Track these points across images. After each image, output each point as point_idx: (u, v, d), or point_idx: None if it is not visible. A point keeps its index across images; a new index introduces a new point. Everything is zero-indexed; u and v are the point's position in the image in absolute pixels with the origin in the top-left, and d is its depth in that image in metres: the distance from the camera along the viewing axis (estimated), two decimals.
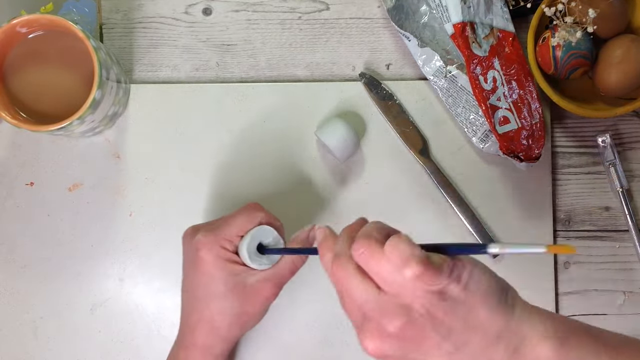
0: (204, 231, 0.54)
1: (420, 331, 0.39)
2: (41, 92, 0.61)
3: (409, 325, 0.39)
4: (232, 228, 0.54)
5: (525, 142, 0.64)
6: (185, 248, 0.56)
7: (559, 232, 0.68)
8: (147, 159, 0.67)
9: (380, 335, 0.40)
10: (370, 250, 0.40)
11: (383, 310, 0.40)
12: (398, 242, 0.39)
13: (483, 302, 0.39)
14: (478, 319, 0.39)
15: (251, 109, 0.68)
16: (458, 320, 0.39)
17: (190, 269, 0.55)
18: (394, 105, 0.67)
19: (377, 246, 0.40)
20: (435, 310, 0.39)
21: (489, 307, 0.39)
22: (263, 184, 0.67)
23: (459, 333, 0.39)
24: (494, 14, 0.65)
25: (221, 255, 0.53)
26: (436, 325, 0.39)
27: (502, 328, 0.39)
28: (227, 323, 0.54)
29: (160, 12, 0.69)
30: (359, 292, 0.41)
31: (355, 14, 0.69)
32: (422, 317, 0.39)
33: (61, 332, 0.66)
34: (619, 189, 0.67)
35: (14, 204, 0.67)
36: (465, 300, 0.39)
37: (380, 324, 0.40)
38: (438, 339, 0.39)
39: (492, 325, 0.39)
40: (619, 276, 0.68)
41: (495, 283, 0.40)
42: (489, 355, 0.39)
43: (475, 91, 0.63)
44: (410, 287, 0.39)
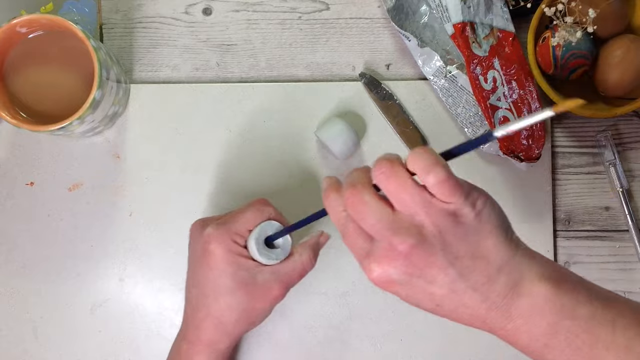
0: (214, 225, 0.54)
1: (430, 253, 0.40)
2: (41, 92, 0.61)
3: (420, 245, 0.39)
4: (242, 222, 0.54)
5: (525, 142, 0.64)
6: (193, 241, 0.56)
7: (559, 232, 0.68)
8: (147, 159, 0.67)
9: (388, 256, 0.40)
10: (392, 169, 0.40)
11: (396, 228, 0.40)
12: (423, 151, 0.40)
13: (492, 233, 0.40)
14: (485, 248, 0.40)
15: (251, 109, 0.68)
16: (466, 247, 0.40)
17: (198, 262, 0.55)
18: (394, 105, 0.67)
19: (398, 166, 0.41)
20: (446, 233, 0.40)
21: (496, 239, 0.40)
22: (263, 184, 0.67)
23: (465, 260, 0.40)
24: (494, 14, 0.65)
25: (232, 249, 0.53)
26: (445, 249, 0.40)
27: (504, 262, 0.40)
28: (235, 319, 0.54)
29: (160, 12, 0.69)
30: (374, 213, 0.40)
31: (355, 14, 0.69)
32: (434, 237, 0.39)
33: (61, 332, 0.66)
34: (619, 189, 0.67)
35: (14, 204, 0.67)
36: (476, 228, 0.40)
37: (391, 243, 0.40)
38: (445, 263, 0.40)
39: (496, 257, 0.40)
40: (619, 276, 0.68)
41: (504, 219, 0.42)
42: (488, 287, 0.40)
43: (475, 91, 0.63)
44: (427, 205, 0.39)
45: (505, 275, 0.40)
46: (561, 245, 0.68)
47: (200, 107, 0.68)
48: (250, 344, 0.66)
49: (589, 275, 0.67)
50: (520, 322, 0.40)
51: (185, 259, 0.58)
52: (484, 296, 0.40)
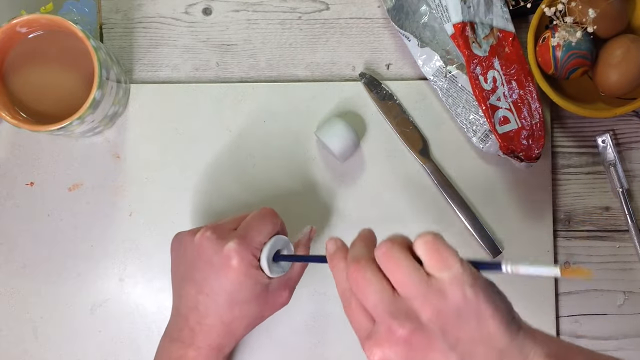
0: (237, 239, 0.54)
1: (429, 338, 0.40)
2: (41, 92, 0.61)
3: (419, 331, 0.40)
4: (262, 236, 0.55)
5: (525, 142, 0.64)
6: (208, 252, 0.54)
7: (559, 232, 0.68)
8: (147, 159, 0.67)
9: (388, 340, 0.40)
10: (392, 250, 0.41)
11: (395, 312, 0.40)
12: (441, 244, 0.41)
13: (493, 316, 0.40)
14: (486, 332, 0.40)
15: (251, 109, 0.68)
16: (466, 330, 0.40)
17: (213, 274, 0.54)
18: (394, 105, 0.67)
19: (400, 247, 0.42)
20: (445, 316, 0.40)
21: (497, 323, 0.40)
22: (263, 184, 0.67)
23: (466, 344, 0.40)
24: (494, 14, 0.65)
25: (252, 263, 0.54)
26: (445, 333, 0.40)
27: (506, 345, 0.40)
28: (244, 325, 0.55)
29: (160, 12, 0.69)
30: (374, 293, 0.41)
31: (355, 14, 0.69)
32: (432, 322, 0.40)
33: (61, 332, 0.66)
34: (619, 189, 0.67)
35: (14, 204, 0.67)
36: (476, 310, 0.40)
37: (391, 328, 0.40)
38: (445, 347, 0.40)
39: (498, 340, 0.40)
40: (619, 276, 0.68)
41: (505, 301, 0.42)
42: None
43: (475, 91, 0.63)
44: (424, 287, 0.40)
45: (507, 358, 0.40)
46: (561, 245, 0.68)
47: (200, 107, 0.68)
48: (251, 344, 0.66)
49: None
50: None
51: None
52: None
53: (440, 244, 0.41)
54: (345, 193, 0.67)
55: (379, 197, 0.67)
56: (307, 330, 0.66)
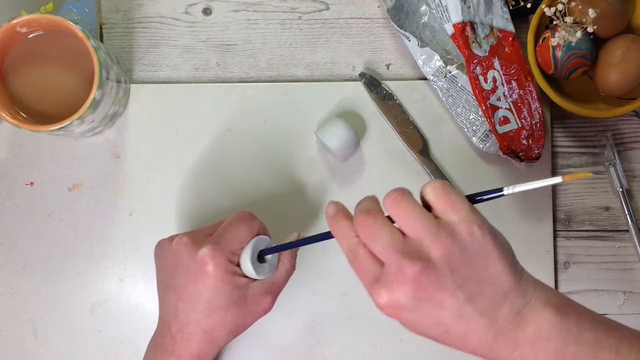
0: (210, 245, 0.53)
1: (438, 276, 0.40)
2: (41, 92, 0.61)
3: (429, 269, 0.40)
4: (237, 241, 0.54)
5: (525, 142, 0.64)
6: (184, 259, 0.54)
7: (559, 232, 0.68)
8: (147, 159, 0.67)
9: (397, 280, 0.41)
10: (401, 196, 0.43)
11: (405, 252, 0.41)
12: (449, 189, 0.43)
13: (499, 259, 0.41)
14: (492, 272, 0.41)
15: (251, 109, 0.68)
16: (474, 270, 0.41)
17: (190, 280, 0.54)
18: (394, 105, 0.67)
19: (407, 194, 0.43)
20: (454, 256, 0.41)
21: (503, 265, 0.41)
22: (263, 184, 0.67)
23: (473, 283, 0.41)
24: (494, 14, 0.65)
25: (228, 269, 0.53)
26: (454, 272, 0.40)
27: (510, 287, 0.41)
28: (226, 333, 0.54)
29: (160, 12, 0.69)
30: (385, 236, 0.42)
31: (355, 14, 0.69)
32: (442, 261, 0.40)
33: (61, 332, 0.66)
34: (619, 189, 0.67)
35: (14, 204, 0.67)
36: (483, 252, 0.41)
37: (401, 267, 0.41)
38: (453, 286, 0.40)
39: (503, 282, 0.41)
40: (619, 276, 0.68)
41: (509, 247, 0.43)
42: (495, 312, 0.41)
43: (475, 91, 0.63)
44: (434, 228, 0.41)
45: (511, 300, 0.41)
46: (561, 245, 0.68)
47: (200, 107, 0.68)
48: (251, 344, 0.66)
49: (589, 275, 0.68)
50: (527, 349, 0.41)
51: None
52: (491, 321, 0.41)
53: (449, 189, 0.42)
54: (345, 193, 0.67)
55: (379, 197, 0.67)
56: (307, 330, 0.66)
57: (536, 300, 0.41)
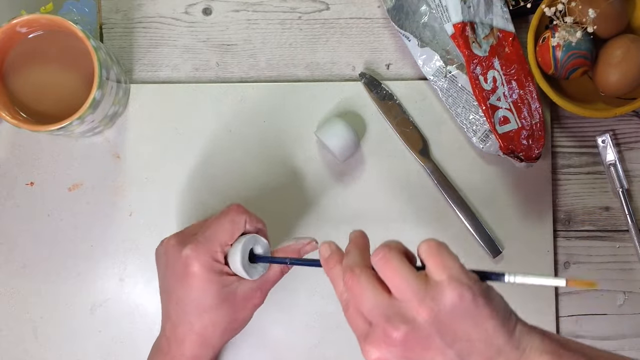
0: (192, 244, 0.53)
1: (425, 338, 0.40)
2: (41, 92, 0.61)
3: (414, 333, 0.40)
4: (221, 237, 0.53)
5: (525, 142, 0.64)
6: (171, 261, 0.54)
7: (559, 232, 0.68)
8: (147, 159, 0.67)
9: (385, 341, 0.41)
10: (390, 254, 0.42)
11: (391, 315, 0.41)
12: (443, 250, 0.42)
13: (491, 317, 0.40)
14: (483, 331, 0.40)
15: (251, 109, 0.68)
16: (463, 330, 0.40)
17: (178, 281, 0.54)
18: (394, 105, 0.67)
19: (397, 252, 0.42)
20: (442, 317, 0.40)
21: (494, 324, 0.40)
22: (263, 184, 0.67)
23: (464, 342, 0.40)
24: (494, 14, 0.65)
25: (214, 268, 0.53)
26: (442, 332, 0.40)
27: (504, 343, 0.41)
28: (219, 333, 0.54)
29: (160, 12, 0.69)
30: (370, 298, 0.42)
31: (355, 14, 0.69)
32: (429, 324, 0.40)
33: (61, 332, 0.66)
34: (619, 189, 0.67)
35: (14, 204, 0.67)
36: (474, 313, 0.40)
37: (386, 330, 0.41)
38: (442, 345, 0.40)
39: (496, 339, 0.40)
40: (619, 276, 0.68)
41: (502, 302, 0.42)
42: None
43: (475, 91, 0.63)
44: (422, 291, 0.40)
45: (505, 354, 0.41)
46: (561, 245, 0.68)
47: (200, 107, 0.68)
48: (251, 344, 0.66)
49: (589, 275, 0.67)
50: None
51: None
52: None
53: (443, 249, 0.42)
54: (345, 193, 0.67)
55: (378, 197, 0.67)
56: (307, 330, 0.66)
57: (531, 350, 0.41)
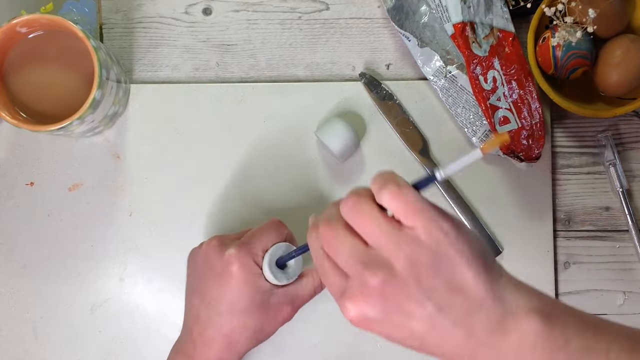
0: (236, 245, 0.54)
1: (403, 286, 0.38)
2: (41, 92, 0.61)
3: (392, 280, 0.38)
4: (263, 243, 0.54)
5: (525, 142, 0.64)
6: (211, 261, 0.55)
7: (559, 232, 0.68)
8: (147, 159, 0.67)
9: (362, 293, 0.39)
10: (358, 203, 0.40)
11: (367, 264, 0.39)
12: (380, 172, 0.40)
13: (469, 264, 0.38)
14: (462, 280, 0.38)
15: (251, 109, 0.68)
16: (441, 278, 0.38)
17: (215, 282, 0.54)
18: (394, 105, 0.67)
19: (367, 200, 0.40)
20: (419, 264, 0.38)
21: (474, 270, 0.38)
22: (263, 184, 0.67)
23: (442, 293, 0.38)
24: (494, 14, 0.65)
25: (253, 270, 0.53)
26: (420, 281, 0.38)
27: (485, 295, 0.38)
28: (245, 338, 0.54)
29: (160, 12, 0.69)
30: (346, 247, 0.40)
31: (355, 14, 0.69)
32: (405, 270, 0.38)
33: (61, 332, 0.66)
34: (619, 189, 0.67)
35: (14, 204, 0.67)
36: (450, 258, 0.38)
37: (363, 280, 0.39)
38: (421, 296, 0.38)
39: (476, 290, 0.38)
40: (619, 276, 0.68)
41: (482, 248, 0.40)
42: (470, 322, 0.38)
43: (475, 91, 0.63)
44: (395, 236, 0.39)
45: (487, 308, 0.38)
46: (561, 245, 0.68)
47: (200, 107, 0.68)
48: None
49: (589, 275, 0.67)
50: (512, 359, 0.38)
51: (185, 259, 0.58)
52: (468, 331, 0.38)
53: (407, 193, 0.39)
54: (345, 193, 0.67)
55: None
56: (307, 330, 0.66)
57: (518, 307, 0.38)
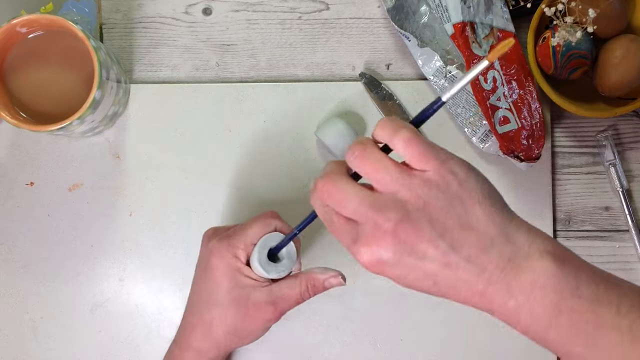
0: (219, 237, 0.54)
1: (417, 227, 0.38)
2: (41, 92, 0.61)
3: (405, 220, 0.38)
4: (246, 236, 0.53)
5: (525, 142, 0.64)
6: (201, 249, 0.56)
7: (559, 232, 0.68)
8: (147, 159, 0.67)
9: (375, 236, 0.39)
10: (365, 151, 0.40)
11: (378, 206, 0.39)
12: (386, 119, 0.40)
13: (480, 202, 0.39)
14: (474, 218, 0.39)
15: (251, 109, 0.68)
16: (454, 217, 0.38)
17: (200, 271, 0.55)
18: (394, 105, 0.67)
19: (371, 146, 0.40)
20: (431, 204, 0.38)
21: (485, 208, 0.39)
22: (263, 184, 0.67)
23: (455, 231, 0.38)
24: (494, 14, 0.65)
25: (231, 264, 0.53)
26: (432, 221, 0.38)
27: (497, 232, 0.39)
28: (224, 331, 0.53)
29: (160, 12, 0.69)
30: (353, 198, 0.40)
31: (355, 14, 0.69)
32: (418, 211, 0.38)
33: (61, 332, 0.66)
34: (619, 189, 0.67)
35: (14, 204, 0.67)
36: (461, 197, 0.39)
37: (377, 223, 0.38)
38: (434, 236, 0.38)
39: (487, 227, 0.39)
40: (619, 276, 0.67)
41: (492, 189, 0.40)
42: (483, 259, 0.38)
43: (475, 91, 0.63)
44: (406, 179, 0.39)
45: (499, 246, 0.38)
46: None
47: (200, 107, 0.68)
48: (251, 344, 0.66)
49: None
50: (522, 299, 0.38)
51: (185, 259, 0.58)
52: (480, 268, 0.38)
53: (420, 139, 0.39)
54: None
55: None
56: (307, 330, 0.66)
57: (531, 248, 0.39)
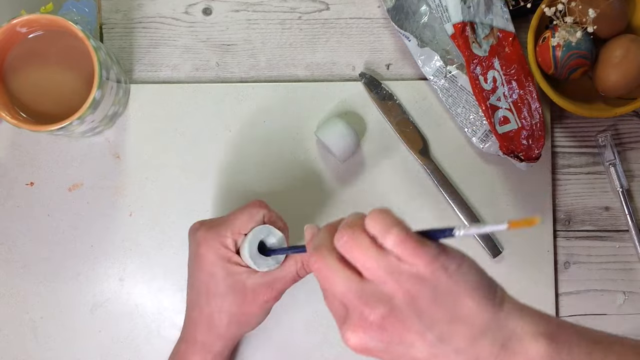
0: (206, 227, 0.55)
1: (403, 320, 0.38)
2: (41, 92, 0.61)
3: (392, 314, 0.38)
4: (233, 225, 0.54)
5: (525, 142, 0.64)
6: (190, 242, 0.57)
7: (559, 232, 0.68)
8: (147, 159, 0.67)
9: (362, 326, 0.39)
10: (353, 237, 0.39)
11: (365, 298, 0.39)
12: (379, 212, 0.39)
13: (470, 294, 0.38)
14: (464, 310, 0.38)
15: (251, 109, 0.68)
16: (443, 311, 0.38)
17: (193, 264, 0.56)
18: (394, 105, 0.67)
19: (360, 232, 0.40)
20: (419, 298, 0.38)
21: (475, 300, 0.38)
22: (263, 184, 0.67)
23: (444, 324, 0.38)
24: (494, 14, 0.65)
25: (221, 253, 0.53)
26: (420, 314, 0.38)
27: (488, 322, 0.38)
28: (226, 322, 0.54)
29: (160, 12, 0.69)
30: (341, 282, 0.39)
31: (355, 14, 0.69)
32: (405, 304, 0.38)
33: (61, 332, 0.66)
34: (619, 189, 0.67)
35: (14, 204, 0.67)
36: (451, 290, 0.38)
37: (362, 314, 0.38)
38: (421, 328, 0.38)
39: (478, 318, 0.38)
40: (619, 276, 0.68)
41: (483, 278, 0.40)
42: (474, 350, 0.38)
43: (475, 91, 0.63)
44: (394, 271, 0.38)
45: (491, 334, 0.38)
46: (561, 245, 0.68)
47: (200, 107, 0.68)
48: (250, 344, 0.66)
49: (589, 275, 0.67)
50: None
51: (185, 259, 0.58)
52: (472, 358, 0.38)
53: (412, 239, 0.39)
54: (345, 193, 0.67)
55: (379, 197, 0.67)
56: (307, 330, 0.66)
57: (523, 331, 0.38)
